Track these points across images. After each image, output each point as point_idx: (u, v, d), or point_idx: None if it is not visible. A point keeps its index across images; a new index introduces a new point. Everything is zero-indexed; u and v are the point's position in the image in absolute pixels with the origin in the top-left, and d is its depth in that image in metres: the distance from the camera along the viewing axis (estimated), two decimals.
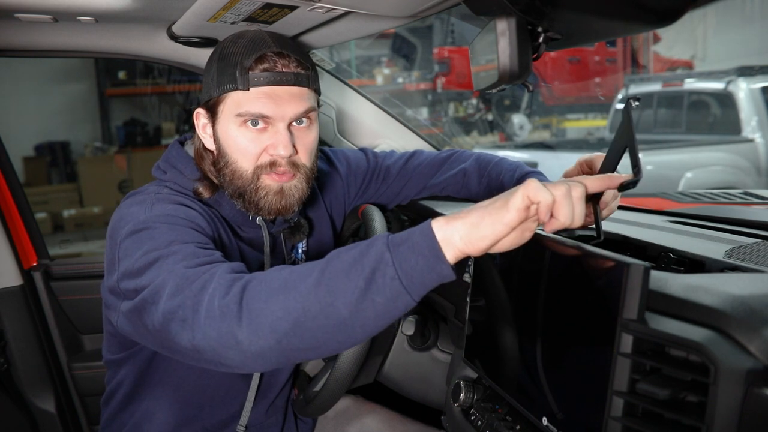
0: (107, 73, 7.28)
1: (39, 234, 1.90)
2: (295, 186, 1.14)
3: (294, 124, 1.12)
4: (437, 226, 0.74)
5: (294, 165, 1.12)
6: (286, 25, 1.27)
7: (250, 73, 1.07)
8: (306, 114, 1.12)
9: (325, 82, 1.80)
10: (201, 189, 1.15)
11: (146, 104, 7.44)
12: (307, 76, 1.12)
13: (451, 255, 0.74)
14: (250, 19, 1.20)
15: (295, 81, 1.10)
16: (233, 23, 1.23)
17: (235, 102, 1.09)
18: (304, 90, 1.11)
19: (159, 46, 1.54)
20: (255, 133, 1.09)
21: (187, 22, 1.30)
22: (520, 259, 0.98)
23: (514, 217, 0.72)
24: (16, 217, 1.83)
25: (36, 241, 1.88)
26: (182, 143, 1.24)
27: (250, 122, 1.09)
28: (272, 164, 1.11)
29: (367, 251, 0.77)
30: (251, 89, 1.07)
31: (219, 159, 1.14)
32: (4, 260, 1.75)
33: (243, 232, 1.20)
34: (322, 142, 1.83)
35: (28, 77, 6.61)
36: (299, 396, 1.31)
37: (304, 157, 1.14)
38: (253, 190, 1.12)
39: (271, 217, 1.19)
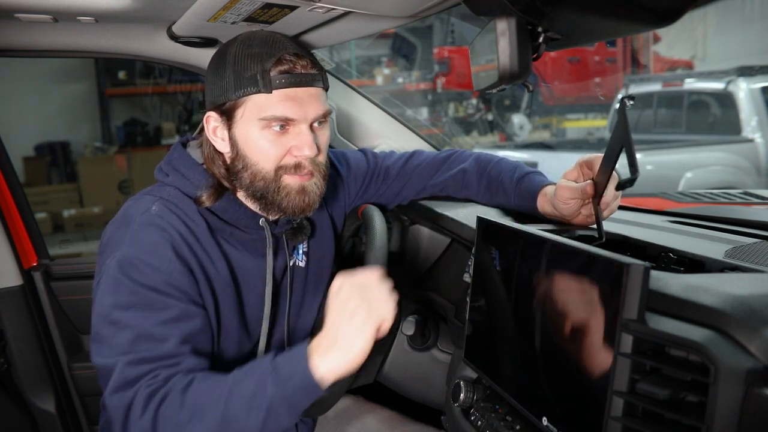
0: (107, 73, 7.28)
1: (39, 234, 1.90)
2: (315, 184, 1.15)
3: (314, 124, 1.13)
4: (318, 361, 0.91)
5: (315, 164, 1.14)
6: (286, 25, 1.27)
7: (271, 74, 1.07)
8: (325, 116, 1.14)
9: None
10: (205, 198, 1.14)
11: (146, 104, 7.45)
12: (321, 76, 1.13)
13: (334, 378, 0.93)
14: (250, 19, 1.20)
15: (312, 81, 1.11)
16: (233, 23, 1.23)
17: (257, 105, 1.09)
18: (319, 90, 1.13)
19: (159, 46, 1.54)
20: (277, 135, 1.10)
21: (187, 22, 1.30)
22: (520, 260, 0.98)
23: (373, 334, 0.92)
24: (16, 217, 1.83)
25: (36, 241, 1.88)
26: (184, 144, 1.23)
27: (273, 126, 1.09)
28: (297, 166, 1.12)
29: (262, 388, 0.92)
30: (273, 92, 1.08)
31: (236, 162, 1.14)
32: (4, 260, 1.75)
33: (246, 233, 1.20)
34: None
35: (28, 77, 6.61)
36: None
37: (322, 156, 1.16)
38: (275, 190, 1.12)
39: (295, 217, 1.20)
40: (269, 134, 1.10)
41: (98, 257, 1.11)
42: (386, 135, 1.84)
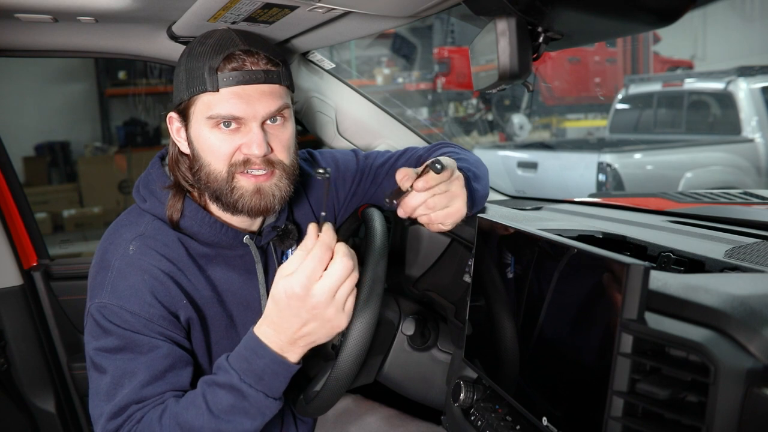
0: (107, 73, 7.27)
1: (39, 234, 1.90)
2: (276, 185, 1.12)
3: (268, 122, 1.10)
4: (284, 350, 0.96)
5: (269, 163, 1.10)
6: (286, 25, 1.27)
7: (218, 73, 1.05)
8: (279, 112, 1.10)
9: (325, 82, 1.80)
10: (172, 211, 1.12)
11: (146, 104, 7.44)
12: (278, 72, 1.10)
13: (301, 356, 0.99)
14: (250, 19, 1.20)
15: (265, 78, 1.07)
16: (233, 23, 1.23)
17: (205, 104, 1.07)
18: (275, 87, 1.09)
19: (159, 46, 1.54)
20: (227, 133, 1.08)
21: (187, 22, 1.30)
22: (521, 260, 0.98)
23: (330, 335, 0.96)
24: (16, 217, 1.83)
25: (36, 241, 1.88)
26: (163, 158, 1.22)
27: (222, 124, 1.07)
28: (246, 162, 1.09)
29: (245, 399, 0.97)
30: (221, 90, 1.05)
31: (194, 163, 1.12)
32: (4, 260, 1.75)
33: (231, 251, 1.18)
34: (321, 143, 1.84)
35: (28, 77, 6.61)
36: (299, 396, 1.31)
37: (281, 155, 1.12)
38: (228, 191, 1.10)
39: (253, 218, 1.17)
40: (219, 133, 1.08)
41: (89, 280, 1.13)
42: (386, 135, 1.83)
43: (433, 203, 1.08)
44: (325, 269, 0.90)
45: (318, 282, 0.89)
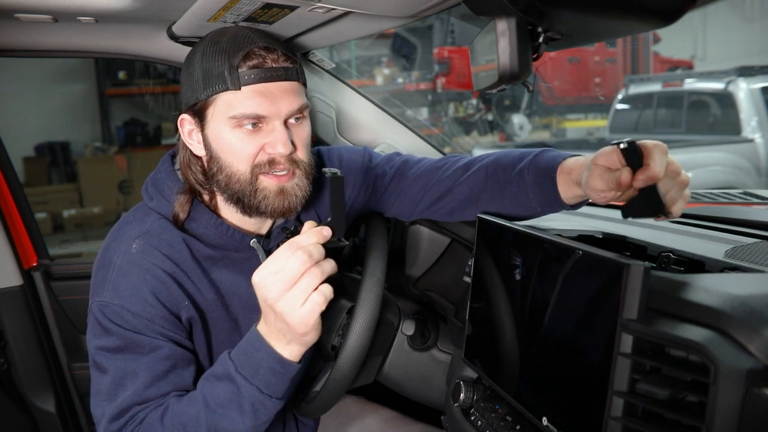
0: (107, 73, 7.27)
1: (39, 234, 1.90)
2: (297, 185, 1.10)
3: (291, 120, 1.09)
4: (276, 346, 0.94)
5: (293, 162, 1.09)
6: (286, 25, 1.27)
7: (239, 71, 1.03)
8: (300, 111, 1.09)
9: (325, 82, 1.79)
10: (179, 211, 1.10)
11: (146, 104, 7.44)
12: (295, 69, 1.09)
13: (299, 354, 0.96)
14: (250, 19, 1.20)
15: (285, 75, 1.06)
16: (233, 23, 1.23)
17: (226, 103, 1.04)
18: (294, 84, 1.08)
19: (159, 46, 1.54)
20: (250, 133, 1.05)
21: (187, 22, 1.30)
22: (521, 260, 0.98)
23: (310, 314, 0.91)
24: (16, 217, 1.83)
25: (36, 241, 1.88)
26: (173, 156, 1.20)
27: (245, 124, 1.05)
28: (271, 163, 1.07)
29: (239, 392, 0.96)
30: (243, 88, 1.03)
31: (211, 165, 1.09)
32: (4, 260, 1.75)
33: (237, 254, 1.16)
34: (321, 143, 1.84)
35: (28, 77, 6.61)
36: (299, 396, 1.31)
37: (302, 153, 1.11)
38: (252, 192, 1.07)
39: (272, 219, 1.17)
40: (241, 133, 1.05)
41: (92, 279, 1.12)
42: (386, 135, 1.83)
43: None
44: None
45: (271, 275, 0.88)
